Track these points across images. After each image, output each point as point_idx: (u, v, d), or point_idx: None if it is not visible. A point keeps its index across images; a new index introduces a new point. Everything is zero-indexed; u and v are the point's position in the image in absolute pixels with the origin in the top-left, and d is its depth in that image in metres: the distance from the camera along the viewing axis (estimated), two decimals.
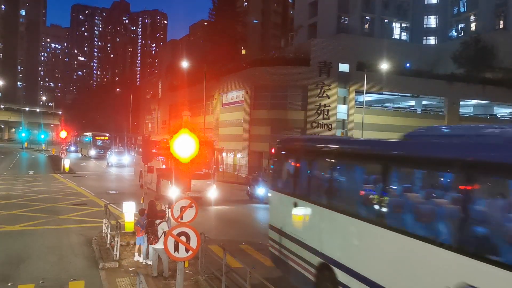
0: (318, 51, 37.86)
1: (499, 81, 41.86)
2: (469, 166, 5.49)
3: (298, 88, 38.06)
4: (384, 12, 58.05)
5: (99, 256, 11.91)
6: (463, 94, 41.86)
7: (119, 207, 17.62)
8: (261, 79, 39.73)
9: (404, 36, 61.05)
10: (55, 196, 23.62)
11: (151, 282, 10.12)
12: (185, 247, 7.40)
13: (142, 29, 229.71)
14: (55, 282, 10.25)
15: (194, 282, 10.30)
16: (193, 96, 51.57)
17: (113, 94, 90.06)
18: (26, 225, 16.17)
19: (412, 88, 40.80)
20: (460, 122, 41.46)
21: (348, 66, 37.78)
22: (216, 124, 46.38)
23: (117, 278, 10.51)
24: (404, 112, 42.96)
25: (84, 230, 15.56)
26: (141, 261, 11.68)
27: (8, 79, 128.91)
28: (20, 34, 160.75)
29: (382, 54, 38.32)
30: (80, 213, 18.91)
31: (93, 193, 25.10)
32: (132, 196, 21.36)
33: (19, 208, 19.55)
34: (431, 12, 61.68)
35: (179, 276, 7.77)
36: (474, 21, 56.77)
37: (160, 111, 70.83)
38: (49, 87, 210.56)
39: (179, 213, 7.78)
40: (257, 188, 24.24)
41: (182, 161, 8.19)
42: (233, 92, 44.08)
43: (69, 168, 38.19)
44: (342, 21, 57.85)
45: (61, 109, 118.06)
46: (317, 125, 37.06)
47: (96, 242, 13.30)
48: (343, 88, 37.90)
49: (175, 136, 8.11)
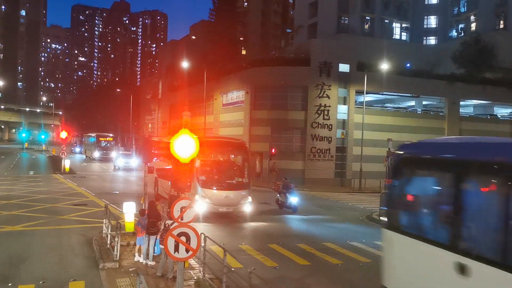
0: (318, 51, 37.86)
1: (499, 81, 41.82)
2: None
3: (298, 88, 38.05)
4: (384, 12, 58.05)
5: (99, 257, 11.91)
6: (463, 94, 41.85)
7: (119, 208, 17.63)
8: (261, 79, 39.74)
9: (404, 36, 61.04)
10: (56, 196, 23.63)
11: (151, 282, 10.12)
12: (185, 247, 7.41)
13: (142, 30, 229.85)
14: (55, 283, 10.25)
15: (194, 282, 10.30)
16: (193, 96, 51.58)
17: (113, 94, 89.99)
18: (27, 225, 16.18)
19: (412, 88, 40.79)
20: (460, 122, 41.50)
21: (348, 66, 37.78)
22: (217, 124, 46.38)
23: (117, 279, 10.50)
24: (404, 112, 42.93)
25: (85, 230, 15.57)
26: (141, 262, 11.68)
27: (9, 80, 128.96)
28: (20, 35, 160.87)
29: (382, 54, 38.30)
30: (81, 214, 18.92)
31: (93, 194, 25.12)
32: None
33: (20, 208, 19.56)
34: (431, 12, 61.68)
35: (179, 276, 7.78)
36: (474, 21, 56.77)
37: (160, 111, 70.84)
38: (50, 87, 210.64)
39: (179, 213, 7.79)
40: (289, 196, 21.48)
41: (182, 161, 8.20)
42: (233, 92, 44.08)
43: (70, 169, 38.22)
44: (342, 21, 57.86)
45: (61, 109, 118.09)
46: (317, 125, 37.07)
47: (97, 243, 13.31)
48: (343, 88, 37.90)
49: (175, 136, 8.12)
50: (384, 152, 30.55)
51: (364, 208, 24.68)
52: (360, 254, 13.91)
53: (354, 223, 19.99)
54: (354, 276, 11.97)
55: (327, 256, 13.56)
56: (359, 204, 26.35)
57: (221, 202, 18.18)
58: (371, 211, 22.87)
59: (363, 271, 12.26)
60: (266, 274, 10.91)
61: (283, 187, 22.07)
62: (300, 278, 11.45)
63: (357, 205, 26.23)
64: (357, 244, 15.39)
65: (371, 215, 21.66)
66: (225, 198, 18.21)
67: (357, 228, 18.71)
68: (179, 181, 8.69)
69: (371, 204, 25.70)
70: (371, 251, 14.25)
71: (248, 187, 19.09)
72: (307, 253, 13.78)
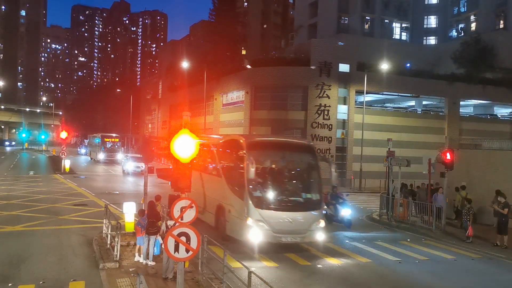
0: (318, 51, 37.87)
1: (499, 81, 41.86)
2: None
3: (298, 88, 38.07)
4: (384, 12, 58.05)
5: (99, 257, 11.91)
6: (463, 94, 41.86)
7: (119, 208, 17.63)
8: (261, 80, 39.74)
9: (404, 36, 61.02)
10: (56, 196, 23.63)
11: (151, 282, 10.12)
12: (185, 247, 7.41)
13: (142, 30, 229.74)
14: (55, 283, 10.25)
15: (194, 282, 10.31)
16: (194, 96, 51.59)
17: (113, 94, 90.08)
18: (27, 225, 16.18)
19: (412, 88, 40.79)
20: (460, 122, 41.49)
21: (348, 66, 37.79)
22: (217, 124, 46.38)
23: (117, 279, 10.51)
24: (404, 112, 42.95)
25: (85, 231, 15.57)
26: (141, 262, 11.68)
27: (9, 80, 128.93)
28: (20, 35, 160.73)
29: (382, 54, 38.30)
30: (81, 214, 18.92)
31: (93, 194, 25.12)
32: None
33: (20, 208, 19.56)
34: (431, 12, 61.65)
35: (179, 276, 7.78)
36: (474, 21, 56.74)
37: (161, 111, 70.85)
38: (50, 87, 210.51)
39: (179, 214, 7.79)
40: (341, 208, 18.29)
41: (182, 161, 8.20)
42: (233, 93, 44.09)
43: (69, 169, 38.22)
44: (342, 21, 57.84)
45: (61, 109, 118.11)
46: (317, 125, 37.07)
47: (97, 243, 13.31)
48: (343, 88, 37.91)
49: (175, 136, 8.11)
50: (384, 152, 30.47)
51: (364, 208, 24.63)
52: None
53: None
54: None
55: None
56: (358, 204, 26.32)
57: (284, 229, 13.12)
58: (371, 211, 22.88)
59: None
60: (267, 275, 10.89)
61: (332, 197, 18.70)
62: None
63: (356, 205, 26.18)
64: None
65: (371, 215, 21.68)
66: (290, 223, 13.11)
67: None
68: (179, 181, 8.68)
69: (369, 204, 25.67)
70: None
71: (320, 206, 14.11)
72: None
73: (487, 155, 21.30)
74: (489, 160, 20.74)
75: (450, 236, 17.32)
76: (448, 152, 18.19)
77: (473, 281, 12.17)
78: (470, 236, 16.26)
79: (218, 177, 15.60)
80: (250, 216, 13.01)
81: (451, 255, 14.55)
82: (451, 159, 18.01)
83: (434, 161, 19.53)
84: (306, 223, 13.45)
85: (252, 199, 13.18)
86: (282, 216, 13.15)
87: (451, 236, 17.24)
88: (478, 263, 13.94)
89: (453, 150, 18.89)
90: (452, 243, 16.28)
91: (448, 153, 18.08)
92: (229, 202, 14.32)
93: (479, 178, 20.22)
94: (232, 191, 14.26)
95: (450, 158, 17.98)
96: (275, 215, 13.14)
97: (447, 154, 18.04)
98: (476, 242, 16.30)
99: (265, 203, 13.27)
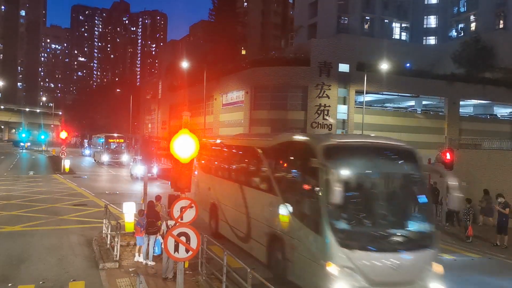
0: (318, 51, 37.86)
1: (499, 81, 41.86)
2: None
3: (298, 88, 38.05)
4: (384, 12, 58.10)
5: (99, 257, 11.92)
6: (463, 94, 41.84)
7: (119, 208, 17.63)
8: (261, 80, 39.72)
9: (404, 36, 61.08)
10: (56, 196, 23.62)
11: (151, 282, 10.12)
12: (185, 247, 7.41)
13: (142, 30, 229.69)
14: (55, 283, 10.25)
15: (194, 282, 10.30)
16: (193, 96, 51.55)
17: (113, 94, 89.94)
18: (27, 225, 16.18)
19: (412, 88, 40.77)
20: (460, 122, 41.48)
21: (348, 66, 37.77)
22: (216, 124, 46.34)
23: (117, 279, 10.51)
24: (404, 112, 42.92)
25: (84, 231, 15.57)
26: (141, 262, 11.69)
27: (8, 80, 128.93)
28: (20, 35, 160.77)
29: (382, 54, 38.30)
30: (80, 214, 18.91)
31: (93, 194, 25.11)
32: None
33: (20, 208, 19.56)
34: (431, 12, 61.70)
35: (179, 276, 7.78)
36: (474, 21, 56.78)
37: (160, 111, 70.81)
38: (49, 87, 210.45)
39: (179, 214, 7.79)
40: None
41: (182, 161, 8.19)
42: (233, 93, 44.06)
43: (69, 169, 38.20)
44: (342, 21, 57.89)
45: (61, 109, 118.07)
46: (317, 125, 37.06)
47: (96, 243, 13.31)
48: (343, 88, 37.89)
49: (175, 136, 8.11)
50: None
51: None
52: None
53: None
54: None
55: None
56: None
57: (386, 279, 8.52)
58: None
59: None
60: (267, 274, 10.88)
61: None
62: None
63: None
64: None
65: None
66: (394, 271, 8.47)
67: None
68: (178, 181, 8.66)
69: None
70: None
71: (433, 240, 9.18)
72: None
73: (487, 155, 21.31)
74: (489, 160, 20.75)
75: (449, 236, 17.33)
76: (448, 152, 18.21)
77: (473, 281, 12.16)
78: (470, 235, 16.27)
79: (271, 195, 11.12)
80: (333, 260, 8.44)
81: (451, 255, 14.57)
82: (451, 159, 18.02)
83: (434, 161, 19.54)
84: (417, 267, 8.84)
85: (335, 234, 8.52)
86: (383, 259, 8.52)
87: (451, 236, 17.25)
88: (478, 263, 13.94)
89: (453, 150, 18.91)
90: (451, 242, 16.29)
91: (448, 153, 18.09)
92: (293, 234, 9.86)
93: (479, 178, 20.22)
94: (298, 217, 9.77)
95: (450, 158, 17.99)
96: (373, 258, 8.52)
97: (447, 154, 18.05)
98: (476, 242, 16.30)
99: (356, 240, 8.60)
